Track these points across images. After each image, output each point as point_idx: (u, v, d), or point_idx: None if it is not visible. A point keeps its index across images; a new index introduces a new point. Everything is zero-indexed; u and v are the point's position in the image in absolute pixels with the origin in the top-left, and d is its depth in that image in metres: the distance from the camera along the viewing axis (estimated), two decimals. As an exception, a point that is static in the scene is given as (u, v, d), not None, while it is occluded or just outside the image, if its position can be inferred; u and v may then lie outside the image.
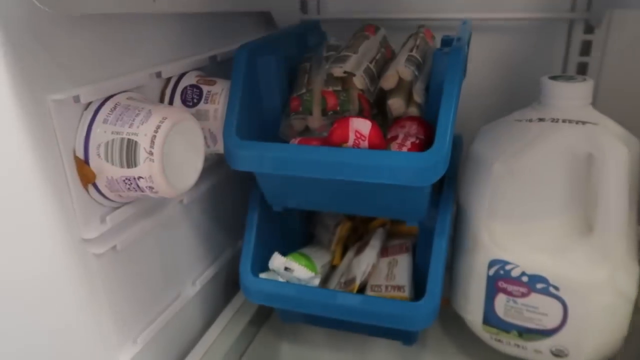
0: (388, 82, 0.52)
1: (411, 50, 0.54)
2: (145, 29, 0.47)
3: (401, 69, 0.51)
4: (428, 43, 0.58)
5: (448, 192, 0.52)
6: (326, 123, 0.52)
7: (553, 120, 0.47)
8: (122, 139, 0.40)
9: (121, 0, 0.41)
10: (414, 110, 0.51)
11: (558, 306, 0.47)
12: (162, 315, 0.53)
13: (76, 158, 0.40)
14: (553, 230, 0.47)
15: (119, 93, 0.43)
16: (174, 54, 0.52)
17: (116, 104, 0.42)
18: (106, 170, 0.41)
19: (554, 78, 0.48)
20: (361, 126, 0.44)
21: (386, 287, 0.53)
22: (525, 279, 0.48)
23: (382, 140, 0.45)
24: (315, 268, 0.55)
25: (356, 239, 0.63)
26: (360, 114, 0.51)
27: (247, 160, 0.47)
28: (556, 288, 0.47)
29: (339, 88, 0.52)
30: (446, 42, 0.53)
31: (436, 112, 0.43)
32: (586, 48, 0.67)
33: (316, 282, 0.54)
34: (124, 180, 0.41)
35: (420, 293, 0.49)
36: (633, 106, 0.51)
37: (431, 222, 0.51)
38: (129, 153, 0.40)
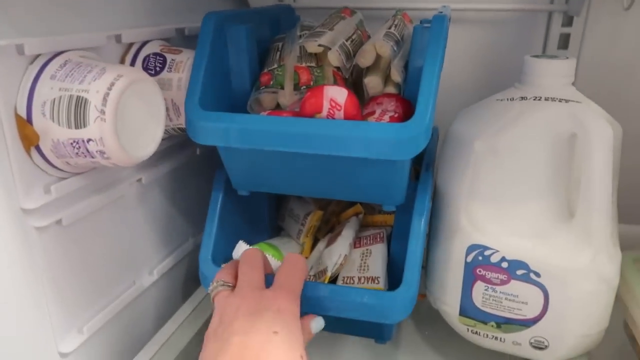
0: (365, 58, 0.48)
1: (389, 28, 0.51)
2: (105, -12, 0.44)
3: (379, 44, 0.48)
4: (406, 25, 0.55)
5: (426, 175, 0.50)
6: (298, 98, 0.48)
7: (535, 98, 0.45)
8: (71, 96, 0.36)
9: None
10: (391, 90, 0.48)
11: (539, 294, 0.45)
12: (113, 303, 0.48)
13: (17, 116, 0.36)
14: (535, 213, 0.45)
15: (70, 50, 0.39)
16: (138, 21, 0.48)
17: (66, 60, 0.38)
18: (52, 131, 0.36)
19: (536, 57, 0.46)
20: (336, 94, 0.41)
21: (359, 278, 0.49)
22: (505, 264, 0.45)
23: (359, 111, 0.42)
24: (283, 258, 0.51)
25: (327, 230, 0.59)
26: None
27: (210, 133, 0.42)
28: (537, 274, 0.44)
29: (313, 64, 0.49)
30: (423, 22, 0.50)
31: (416, 92, 0.40)
32: (564, 41, 0.66)
33: None
34: (71, 143, 0.37)
35: (395, 286, 0.46)
36: (609, 99, 0.50)
37: (408, 208, 0.48)
38: (77, 112, 0.36)
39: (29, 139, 0.36)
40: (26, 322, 0.39)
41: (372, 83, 0.48)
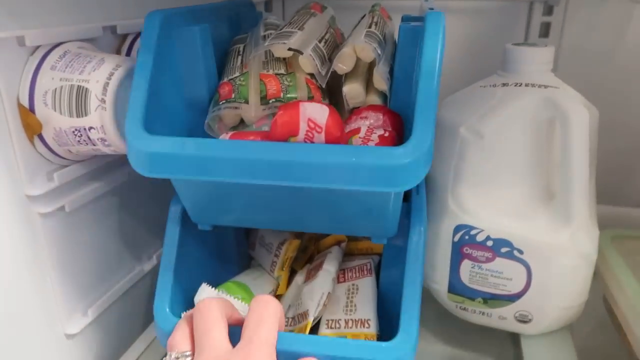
0: (344, 63, 0.41)
1: (369, 27, 0.44)
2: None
3: (361, 47, 0.40)
4: (386, 23, 0.49)
5: (419, 198, 0.43)
6: (267, 114, 0.41)
7: (517, 84, 0.47)
8: (72, 86, 0.37)
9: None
10: (375, 99, 0.42)
11: (522, 270, 0.47)
12: (116, 287, 0.49)
13: (20, 106, 0.37)
14: (517, 194, 0.47)
15: (69, 41, 0.40)
16: (132, 12, 0.49)
17: (66, 51, 0.39)
18: (54, 120, 0.38)
19: (516, 45, 0.48)
20: (316, 113, 0.34)
21: (346, 322, 0.42)
22: (490, 243, 0.47)
23: (342, 132, 0.35)
24: None
25: (305, 260, 0.51)
26: None
27: (159, 163, 0.33)
28: (520, 251, 0.47)
29: (282, 71, 0.42)
30: (407, 19, 0.46)
31: (404, 102, 0.36)
32: (545, 29, 0.69)
33: None
34: (73, 132, 0.38)
35: (386, 322, 0.40)
36: (588, 85, 0.52)
37: (399, 234, 0.42)
38: (78, 101, 0.37)
39: (32, 127, 0.38)
40: (33, 304, 0.40)
41: (353, 92, 0.42)
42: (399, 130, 0.38)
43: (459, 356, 0.53)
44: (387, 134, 0.37)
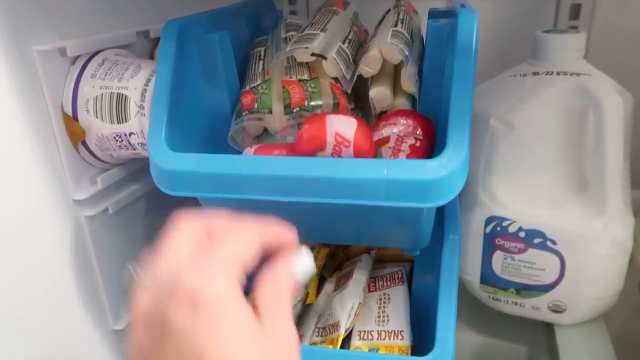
0: (370, 66, 0.39)
1: (395, 25, 0.42)
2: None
3: (387, 49, 0.38)
4: (413, 18, 0.47)
5: (452, 203, 0.42)
6: (291, 124, 0.40)
7: (547, 73, 0.47)
8: (112, 94, 0.39)
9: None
10: (403, 102, 0.40)
11: (555, 260, 0.47)
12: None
13: (64, 114, 0.39)
14: (549, 184, 0.47)
15: (106, 49, 0.42)
16: (162, 15, 0.50)
17: (104, 59, 0.41)
18: (96, 126, 0.39)
19: (546, 32, 0.48)
20: (343, 127, 0.32)
21: (379, 332, 0.41)
22: (522, 234, 0.47)
23: (372, 145, 0.34)
24: None
25: (335, 267, 0.50)
26: (335, 109, 0.39)
27: (182, 181, 0.33)
28: (553, 242, 0.47)
29: (305, 77, 0.41)
30: (434, 15, 0.44)
31: (435, 106, 0.35)
32: (575, 11, 0.67)
33: None
34: (114, 137, 0.40)
35: (420, 331, 0.40)
36: (621, 69, 0.51)
37: (432, 247, 0.41)
38: (119, 108, 0.39)
39: (75, 134, 0.39)
40: (84, 303, 0.42)
41: (380, 96, 0.40)
42: (431, 137, 0.36)
43: (491, 345, 0.54)
44: (418, 144, 0.35)
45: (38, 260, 0.38)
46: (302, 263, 0.25)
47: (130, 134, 0.39)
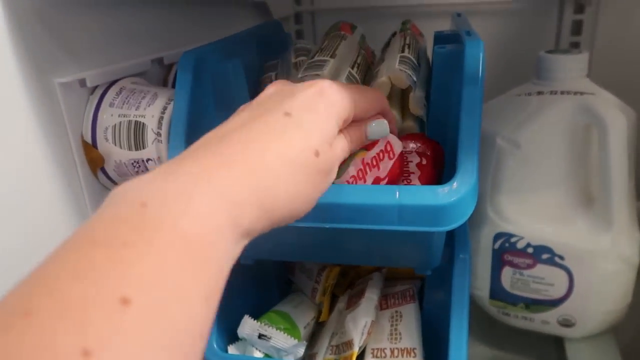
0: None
1: (402, 50, 0.43)
2: (146, 16, 0.48)
3: (395, 75, 0.39)
4: (419, 42, 0.48)
5: (462, 224, 0.42)
6: None
7: (552, 92, 0.48)
8: (130, 122, 0.40)
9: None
10: (411, 125, 0.41)
11: (563, 275, 0.48)
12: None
13: (84, 142, 0.41)
14: (556, 201, 0.48)
15: (123, 78, 0.43)
16: (175, 42, 0.52)
17: (121, 88, 0.42)
18: (114, 153, 0.41)
19: (550, 52, 0.49)
20: (395, 139, 0.34)
21: (392, 350, 0.42)
22: (530, 250, 0.48)
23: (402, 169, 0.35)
24: (298, 332, 0.45)
25: (346, 285, 0.51)
26: None
27: None
28: (561, 257, 0.47)
29: None
30: (440, 38, 0.45)
31: (440, 127, 0.36)
32: (577, 27, 0.68)
33: (300, 351, 0.43)
34: (132, 163, 0.41)
35: (431, 349, 0.41)
36: (623, 84, 0.52)
37: (443, 265, 0.41)
38: (136, 135, 0.40)
39: (94, 161, 0.41)
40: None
41: None
42: (440, 159, 0.37)
43: (502, 359, 0.54)
44: (424, 161, 0.36)
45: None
46: (375, 126, 0.30)
47: (148, 160, 0.41)
